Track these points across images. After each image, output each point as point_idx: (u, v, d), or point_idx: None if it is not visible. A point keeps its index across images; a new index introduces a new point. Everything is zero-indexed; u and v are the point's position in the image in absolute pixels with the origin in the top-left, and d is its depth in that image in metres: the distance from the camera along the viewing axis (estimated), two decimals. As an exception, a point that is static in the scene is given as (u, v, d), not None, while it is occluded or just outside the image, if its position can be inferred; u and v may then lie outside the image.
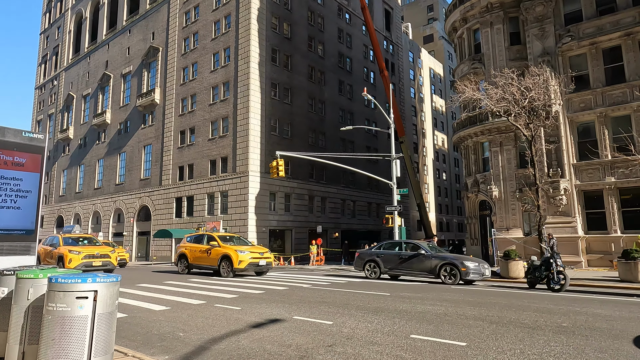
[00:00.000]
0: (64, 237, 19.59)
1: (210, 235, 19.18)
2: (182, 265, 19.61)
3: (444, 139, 74.71)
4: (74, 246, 18.68)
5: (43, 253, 19.36)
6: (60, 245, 18.74)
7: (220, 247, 17.78)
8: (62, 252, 17.89)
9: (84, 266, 17.34)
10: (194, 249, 19.14)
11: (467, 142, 28.41)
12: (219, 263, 17.48)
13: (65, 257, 17.56)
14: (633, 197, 22.28)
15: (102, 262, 18.14)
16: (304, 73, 43.07)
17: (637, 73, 22.52)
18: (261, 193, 36.69)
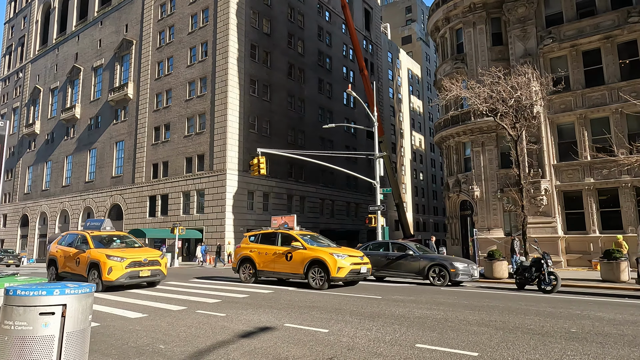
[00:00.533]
0: (93, 236, 14.18)
1: (287, 234, 14.53)
2: (247, 273, 14.84)
3: (421, 140, 75.28)
4: (112, 249, 13.65)
5: (61, 256, 14.50)
6: (91, 246, 13.54)
7: (307, 250, 13.31)
8: (98, 257, 12.84)
9: (129, 277, 12.70)
10: (264, 252, 14.46)
11: (449, 141, 28.35)
12: (306, 270, 13.11)
13: (103, 264, 12.56)
14: (611, 197, 22.62)
15: (151, 272, 13.18)
16: (284, 70, 42.34)
17: (615, 76, 22.88)
18: (239, 192, 35.77)
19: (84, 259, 13.31)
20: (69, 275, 14.07)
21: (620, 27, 22.74)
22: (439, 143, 30.21)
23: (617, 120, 22.47)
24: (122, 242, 14.79)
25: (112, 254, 12.82)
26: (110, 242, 14.41)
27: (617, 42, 23.05)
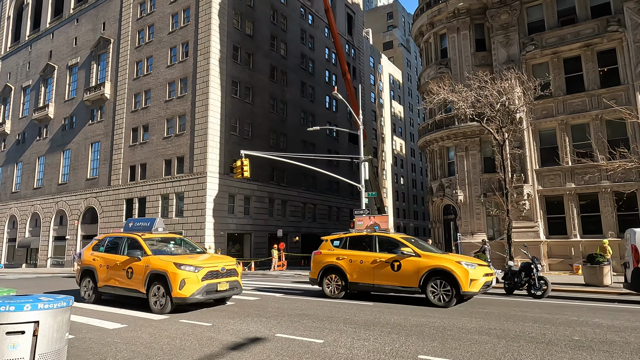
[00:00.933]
0: (146, 239, 10.88)
1: (388, 238, 11.93)
2: (333, 286, 11.98)
3: (402, 145, 75.75)
4: (178, 256, 10.41)
5: (103, 266, 11.06)
6: (148, 253, 10.19)
7: (423, 258, 10.60)
8: (162, 267, 9.54)
9: (205, 293, 9.47)
10: (358, 259, 11.65)
11: (433, 146, 28.39)
12: (422, 283, 10.31)
13: (173, 276, 9.24)
14: (591, 202, 22.95)
15: (229, 284, 10.07)
16: (266, 72, 41.85)
17: (595, 83, 23.30)
18: (220, 195, 35.01)
19: (140, 270, 9.89)
20: (117, 291, 10.64)
21: (599, 36, 23.20)
22: (422, 147, 30.24)
23: (597, 127, 22.85)
24: (180, 247, 11.68)
25: (183, 262, 9.52)
26: (167, 247, 11.37)
27: (596, 50, 23.50)
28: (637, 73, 22.14)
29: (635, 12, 22.48)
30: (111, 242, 11.57)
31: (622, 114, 20.18)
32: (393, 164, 70.60)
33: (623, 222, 21.90)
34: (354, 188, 55.19)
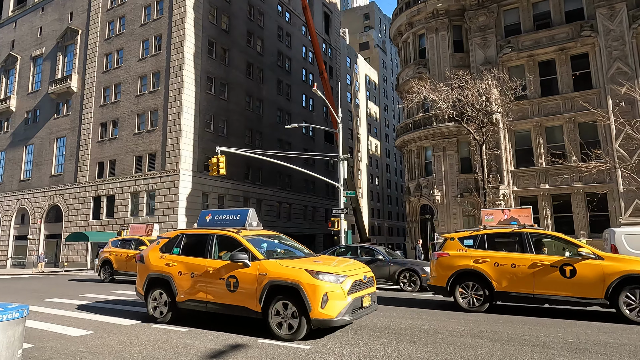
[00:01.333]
0: (246, 237, 7.87)
1: (548, 235, 10.07)
2: (470, 296, 9.52)
3: (377, 145, 76.12)
4: (306, 260, 7.45)
5: (183, 272, 7.98)
6: (258, 256, 7.32)
7: (607, 261, 8.39)
8: (293, 276, 6.78)
9: (352, 311, 6.74)
10: (509, 262, 9.15)
11: (411, 146, 28.40)
12: (611, 294, 8.10)
13: (311, 289, 6.59)
14: (564, 203, 23.42)
15: (371, 298, 7.33)
16: (242, 69, 41.04)
17: (569, 86, 23.80)
18: (193, 193, 34.01)
19: (250, 279, 7.05)
20: (210, 308, 7.55)
21: (573, 40, 23.71)
22: (400, 147, 30.23)
23: (570, 129, 23.34)
24: (285, 248, 8.70)
25: (320, 269, 6.80)
26: (274, 249, 8.54)
27: (570, 54, 24.01)
28: (608, 77, 22.72)
29: (607, 18, 23.07)
30: (191, 241, 8.39)
31: (597, 116, 20.64)
32: (368, 164, 70.83)
33: (594, 222, 22.44)
34: (329, 188, 55.03)
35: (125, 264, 17.08)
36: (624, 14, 22.71)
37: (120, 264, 17.27)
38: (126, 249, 17.40)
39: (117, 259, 17.41)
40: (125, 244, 17.72)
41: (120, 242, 17.99)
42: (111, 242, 18.45)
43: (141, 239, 17.28)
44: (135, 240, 17.47)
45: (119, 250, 17.55)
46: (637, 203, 21.39)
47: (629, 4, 22.83)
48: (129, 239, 17.91)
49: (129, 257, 16.81)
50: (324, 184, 51.85)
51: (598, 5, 23.37)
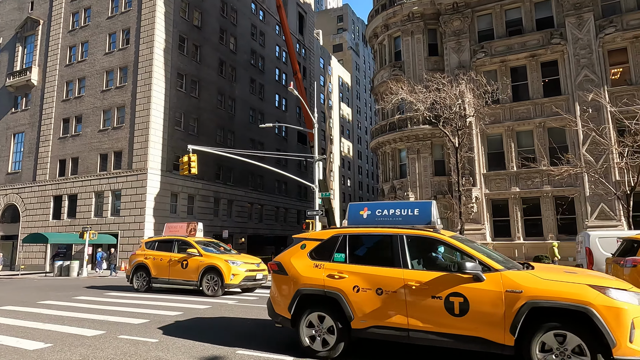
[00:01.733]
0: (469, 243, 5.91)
1: None
2: None
3: (349, 147, 76.33)
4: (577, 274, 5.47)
5: (361, 289, 5.91)
6: (494, 267, 5.18)
7: None
8: (587, 299, 4.58)
9: None
10: None
11: (385, 148, 28.39)
12: None
13: (619, 316, 4.50)
14: (533, 206, 23.94)
15: None
16: (214, 66, 40.09)
17: (539, 92, 24.38)
18: (161, 193, 32.85)
19: (491, 300, 5.17)
20: (424, 339, 5.54)
21: (544, 47, 24.32)
22: (375, 149, 30.20)
23: (540, 134, 23.90)
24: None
25: (610, 285, 4.99)
26: None
27: (540, 61, 24.62)
28: (576, 84, 23.39)
29: (575, 26, 23.76)
30: (362, 244, 6.37)
31: (566, 122, 21.16)
32: (341, 165, 70.89)
33: (562, 225, 23.02)
34: (302, 189, 54.61)
35: (167, 270, 14.09)
36: (592, 23, 23.46)
37: (159, 270, 14.30)
38: (167, 251, 14.49)
39: (156, 264, 14.41)
40: (165, 245, 14.86)
41: (158, 244, 15.13)
42: (144, 243, 15.57)
43: (186, 240, 14.41)
44: (178, 242, 14.55)
45: (157, 253, 14.69)
46: (603, 207, 22.09)
47: (596, 14, 23.62)
48: (169, 239, 15.00)
49: (173, 261, 14.03)
50: (296, 185, 51.40)
51: (567, 14, 24.06)
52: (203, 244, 14.23)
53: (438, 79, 18.70)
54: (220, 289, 12.88)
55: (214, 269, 12.98)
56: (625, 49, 23.09)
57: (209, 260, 13.19)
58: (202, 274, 13.08)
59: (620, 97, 22.25)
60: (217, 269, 12.89)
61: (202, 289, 13.04)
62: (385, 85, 27.72)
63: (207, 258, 13.27)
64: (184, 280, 13.47)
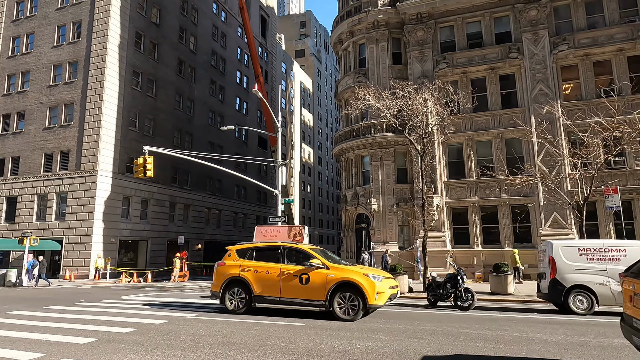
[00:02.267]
0: None
1: None
2: None
3: (310, 153, 76.11)
4: None
5: None
6: None
7: None
8: None
9: None
10: None
11: (349, 154, 28.26)
12: None
13: None
14: (491, 214, 24.53)
15: None
16: (173, 66, 38.61)
17: (497, 104, 25.12)
18: (112, 197, 31.00)
19: None
20: None
21: (502, 61, 25.12)
22: (338, 155, 30.01)
23: (498, 144, 24.59)
24: None
25: None
26: None
27: (499, 74, 25.41)
28: (532, 97, 24.30)
29: (532, 42, 24.73)
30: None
31: (522, 133, 21.83)
32: (301, 171, 70.47)
33: (517, 233, 23.72)
34: (261, 194, 53.62)
35: (278, 285, 10.68)
36: (546, 40, 24.51)
37: (265, 285, 10.82)
38: (272, 262, 11.02)
39: (259, 278, 10.88)
40: (267, 254, 11.38)
41: (256, 252, 11.46)
42: (235, 251, 11.65)
43: (300, 248, 11.31)
44: (287, 250, 11.13)
45: (259, 264, 11.04)
46: (556, 215, 22.96)
47: (550, 31, 24.71)
48: (273, 246, 11.62)
49: (287, 274, 10.61)
50: (256, 190, 50.40)
51: (524, 30, 25.02)
52: (321, 253, 11.20)
53: (405, 86, 18.72)
54: (360, 311, 9.81)
55: (350, 286, 9.95)
56: (577, 66, 24.27)
57: (341, 274, 10.12)
58: (332, 291, 9.99)
59: (572, 111, 23.31)
60: (356, 286, 9.88)
61: (334, 310, 9.94)
62: (350, 92, 27.68)
63: (337, 271, 10.22)
64: (304, 300, 10.27)
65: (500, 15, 26.08)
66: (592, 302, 11.27)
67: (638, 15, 23.68)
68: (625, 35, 23.38)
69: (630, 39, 23.23)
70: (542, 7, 24.79)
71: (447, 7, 26.42)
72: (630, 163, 22.44)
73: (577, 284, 11.40)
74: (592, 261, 11.56)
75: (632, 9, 23.97)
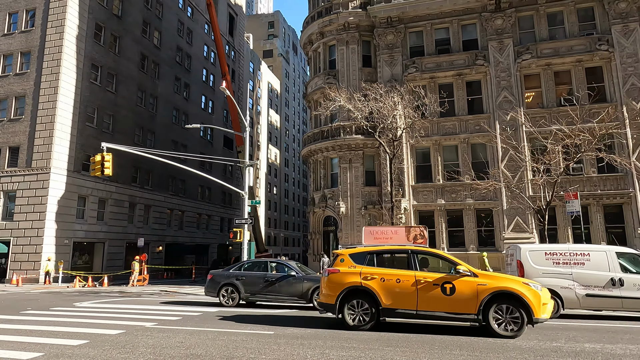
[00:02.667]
0: None
1: None
2: None
3: (277, 154, 75.39)
4: None
5: None
6: None
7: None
8: None
9: None
10: None
11: (317, 156, 27.96)
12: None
13: None
14: (456, 218, 24.88)
15: None
16: (135, 61, 37.09)
17: (464, 109, 25.56)
18: (67, 196, 29.30)
19: None
20: None
21: (469, 67, 25.61)
22: (306, 157, 29.64)
23: (464, 149, 25.00)
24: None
25: None
26: None
27: (466, 80, 25.88)
28: (497, 104, 24.87)
29: (497, 50, 25.34)
30: None
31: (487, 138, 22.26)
32: (267, 172, 69.64)
33: (482, 237, 24.17)
34: (226, 195, 52.43)
35: (414, 296, 8.94)
36: (511, 49, 25.18)
37: (397, 296, 9.04)
38: (400, 268, 9.35)
39: (388, 288, 9.10)
40: (391, 259, 9.87)
41: (377, 257, 9.68)
42: (348, 255, 9.84)
43: (435, 252, 10.20)
44: (417, 254, 9.50)
45: (386, 271, 9.27)
46: (518, 220, 23.55)
47: (515, 40, 25.41)
48: (398, 250, 9.92)
49: (424, 283, 8.91)
50: (221, 191, 49.25)
51: (490, 38, 25.61)
52: None
53: (376, 89, 18.63)
54: (524, 326, 8.34)
55: (509, 297, 8.43)
56: (539, 75, 25.07)
57: (496, 283, 8.61)
58: (486, 303, 8.46)
59: (535, 118, 24.02)
60: (518, 297, 8.37)
61: (490, 326, 8.45)
62: (320, 93, 27.43)
63: (490, 279, 8.72)
64: (449, 313, 8.71)
65: (467, 23, 26.59)
66: (558, 305, 11.44)
67: (595, 28, 24.75)
68: (584, 47, 24.37)
69: (588, 50, 24.23)
70: (507, 17, 25.46)
71: (417, 13, 26.68)
72: (587, 170, 23.35)
73: (544, 288, 11.53)
74: (558, 265, 11.75)
75: (590, 22, 25.03)
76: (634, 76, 23.35)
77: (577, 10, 25.10)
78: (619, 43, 23.77)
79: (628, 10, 23.91)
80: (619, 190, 22.85)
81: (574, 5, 24.96)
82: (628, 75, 23.46)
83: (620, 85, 23.50)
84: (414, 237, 11.62)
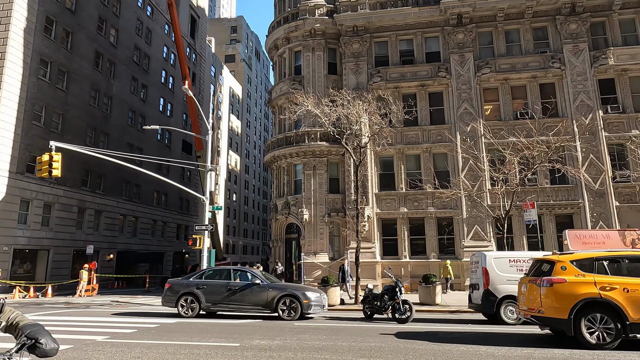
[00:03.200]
0: None
1: None
2: None
3: (237, 160, 74.05)
4: None
5: None
6: None
7: None
8: None
9: None
10: None
11: (281, 162, 27.50)
12: None
13: None
14: (418, 226, 25.15)
15: None
16: (89, 58, 35.21)
17: (426, 119, 26.03)
18: (8, 199, 27.11)
19: None
20: None
21: (432, 79, 26.16)
22: (269, 163, 29.10)
23: (426, 158, 25.41)
24: None
25: None
26: None
27: (429, 91, 26.40)
28: (458, 115, 25.52)
29: (458, 63, 26.08)
30: None
31: (449, 148, 22.73)
32: (227, 179, 68.16)
33: (443, 245, 24.55)
34: (184, 201, 50.65)
35: None
36: (472, 62, 25.98)
37: None
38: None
39: (636, 299, 7.70)
40: (627, 267, 8.32)
41: (610, 264, 8.26)
42: (573, 262, 8.39)
43: None
44: None
45: (628, 281, 7.88)
46: (477, 228, 24.12)
47: (475, 54, 26.25)
48: (636, 256, 8.48)
49: None
50: (178, 197, 47.56)
51: (452, 51, 26.32)
52: None
53: (343, 95, 18.53)
54: None
55: None
56: (497, 89, 26.00)
57: None
58: None
59: (494, 130, 24.72)
60: None
61: None
62: (285, 98, 27.09)
63: None
64: None
65: (430, 35, 27.22)
66: (522, 312, 11.58)
67: (549, 47, 26.03)
68: (538, 64, 25.55)
69: (542, 67, 25.41)
70: (469, 32, 26.29)
71: (382, 23, 27.03)
72: (541, 181, 24.33)
73: (508, 295, 11.68)
74: (521, 272, 11.92)
75: (544, 41, 26.31)
76: (583, 93, 24.69)
77: (532, 29, 26.31)
78: (570, 62, 25.10)
79: (578, 32, 25.34)
80: (570, 200, 23.95)
81: (529, 24, 26.15)
82: (578, 92, 24.78)
83: (571, 101, 24.77)
84: (631, 242, 10.67)
